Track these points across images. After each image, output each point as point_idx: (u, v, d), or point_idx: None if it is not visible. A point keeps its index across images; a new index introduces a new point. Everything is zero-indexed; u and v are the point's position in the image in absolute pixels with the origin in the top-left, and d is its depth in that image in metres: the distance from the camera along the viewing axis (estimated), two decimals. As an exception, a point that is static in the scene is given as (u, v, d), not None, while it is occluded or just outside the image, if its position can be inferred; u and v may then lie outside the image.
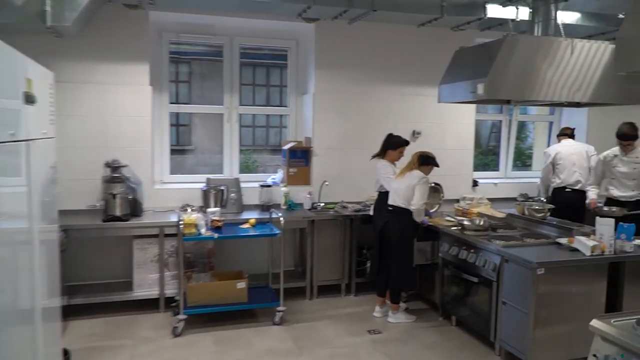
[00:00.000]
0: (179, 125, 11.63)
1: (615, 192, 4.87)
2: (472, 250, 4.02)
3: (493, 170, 6.83)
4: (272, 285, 4.93)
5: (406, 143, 4.84)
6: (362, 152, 5.61)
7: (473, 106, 6.07)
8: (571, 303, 3.48)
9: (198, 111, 6.83)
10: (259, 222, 4.74)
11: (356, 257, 5.28)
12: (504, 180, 6.53)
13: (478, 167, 6.69)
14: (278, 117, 9.74)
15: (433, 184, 5.52)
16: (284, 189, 5.39)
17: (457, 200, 5.90)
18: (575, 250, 3.60)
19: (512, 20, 5.00)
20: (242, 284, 4.43)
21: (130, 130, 5.03)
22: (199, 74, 10.28)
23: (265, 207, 5.23)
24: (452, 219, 4.68)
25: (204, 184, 5.13)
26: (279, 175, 5.70)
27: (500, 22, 5.26)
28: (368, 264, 5.24)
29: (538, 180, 6.15)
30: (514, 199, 6.32)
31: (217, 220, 4.46)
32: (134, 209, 4.73)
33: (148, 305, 4.69)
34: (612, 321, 2.21)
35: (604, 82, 3.96)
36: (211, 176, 5.29)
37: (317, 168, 5.61)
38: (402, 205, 4.38)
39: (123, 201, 4.59)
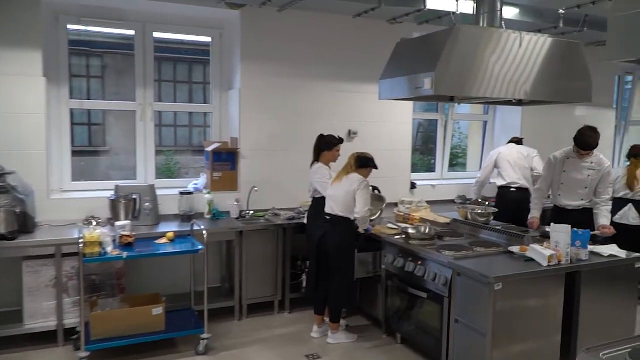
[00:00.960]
0: (91, 125, 10.59)
1: (563, 201, 4.41)
2: (419, 263, 3.65)
3: (422, 172, 6.59)
4: (195, 307, 4.31)
5: (341, 141, 4.41)
6: (294, 154, 5.14)
7: (410, 104, 5.76)
8: (529, 319, 3.18)
9: (106, 107, 6.09)
10: (179, 236, 4.11)
11: (290, 269, 4.78)
12: (441, 182, 6.29)
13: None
14: (201, 115, 9.05)
15: (371, 188, 5.17)
16: (207, 196, 4.78)
17: (396, 204, 5.56)
18: (530, 260, 3.31)
19: (453, 13, 4.70)
20: (158, 310, 3.79)
21: (18, 130, 4.21)
22: (114, 68, 9.35)
23: (186, 218, 4.59)
24: (395, 227, 4.29)
25: (113, 193, 4.41)
26: (201, 181, 5.07)
27: (440, 16, 4.96)
28: (304, 277, 4.76)
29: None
30: (452, 201, 6.10)
31: (128, 236, 3.79)
32: (24, 224, 3.94)
33: (43, 338, 3.92)
34: (601, 354, 1.86)
35: (551, 79, 3.72)
36: (121, 183, 4.57)
37: (245, 172, 5.04)
38: (341, 214, 3.93)
39: (8, 215, 3.79)
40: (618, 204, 5.09)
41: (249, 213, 4.90)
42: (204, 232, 3.90)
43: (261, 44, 4.98)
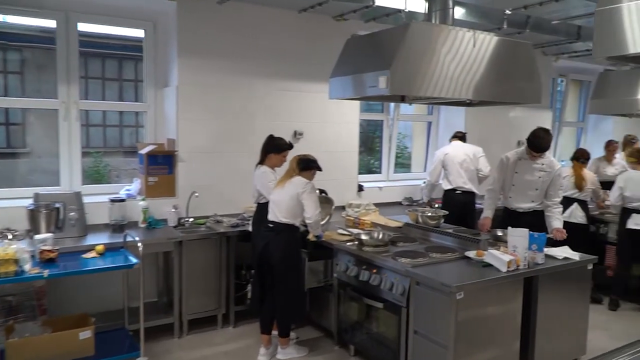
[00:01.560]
0: (9, 124, 9.69)
1: (514, 203, 4.37)
2: (374, 271, 3.46)
3: (362, 173, 6.45)
4: (129, 327, 3.91)
5: (290, 147, 4.16)
6: (237, 156, 4.84)
7: (357, 104, 5.59)
8: (489, 327, 3.07)
9: (25, 105, 5.44)
10: (110, 249, 3.69)
11: (234, 280, 4.47)
12: (387, 184, 6.17)
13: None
14: (133, 114, 8.49)
15: (318, 191, 4.95)
16: (142, 203, 4.37)
17: (343, 208, 5.38)
18: (488, 265, 3.21)
19: (402, 10, 4.57)
20: (86, 334, 3.37)
21: None
22: (35, 63, 8.58)
23: (117, 228, 4.16)
24: (346, 232, 4.09)
25: (31, 201, 3.91)
26: (135, 186, 4.64)
27: (388, 13, 4.82)
28: (249, 288, 4.47)
29: (423, 183, 5.91)
30: (400, 203, 6.00)
31: (49, 251, 3.34)
32: None
33: (-52, 372, 3.40)
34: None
35: (504, 80, 3.65)
36: (42, 190, 4.07)
37: (183, 176, 4.66)
38: (285, 221, 3.67)
39: None
40: (564, 202, 5.15)
41: (188, 221, 4.53)
42: (139, 244, 3.52)
43: (200, 38, 4.63)
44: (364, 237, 3.80)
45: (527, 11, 4.58)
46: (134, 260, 3.48)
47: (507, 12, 4.70)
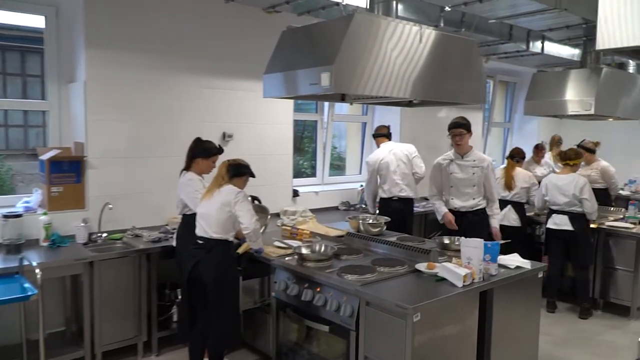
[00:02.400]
0: None
1: (457, 203, 4.34)
2: (318, 290, 3.10)
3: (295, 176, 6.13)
4: (28, 366, 3.30)
5: (220, 151, 3.73)
6: (158, 161, 4.32)
7: (291, 104, 5.22)
8: (446, 348, 2.81)
9: None
10: (2, 275, 3.08)
11: (157, 301, 3.95)
12: (323, 188, 5.85)
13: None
14: (39, 114, 7.60)
15: (250, 198, 4.56)
16: (43, 217, 3.74)
17: (278, 215, 5.00)
18: (442, 279, 2.96)
19: (339, 4, 4.24)
20: (-30, 384, 2.75)
21: None
22: None
23: (12, 249, 3.52)
24: (283, 245, 3.71)
25: None
26: (35, 198, 3.98)
27: (323, 6, 4.48)
28: (174, 309, 3.97)
29: (362, 191, 5.67)
30: (336, 208, 5.70)
31: None
32: None
33: None
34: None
35: (451, 79, 3.44)
36: None
37: (94, 185, 4.07)
38: (217, 236, 3.23)
39: None
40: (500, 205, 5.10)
41: (101, 236, 3.96)
42: (37, 270, 2.94)
43: (112, 27, 4.05)
44: (304, 250, 3.44)
45: (466, 8, 4.41)
46: (31, 290, 2.89)
47: (447, 8, 4.51)
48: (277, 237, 4.06)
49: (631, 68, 6.88)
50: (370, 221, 4.29)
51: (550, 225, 4.80)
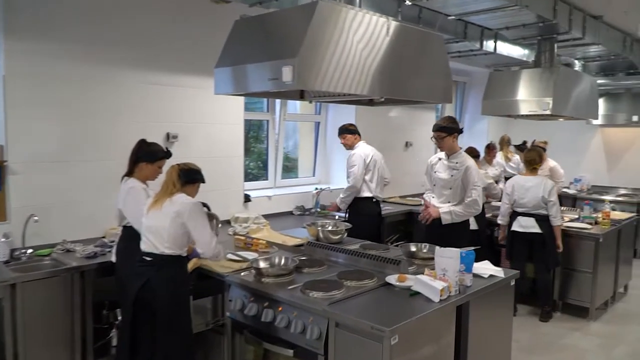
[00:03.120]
0: None
1: (435, 203, 4.15)
2: (280, 309, 2.78)
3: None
4: None
5: (167, 155, 3.33)
6: (93, 166, 3.85)
7: (242, 102, 4.85)
8: (422, 370, 2.57)
9: None
10: None
11: (93, 325, 3.49)
12: (276, 192, 5.51)
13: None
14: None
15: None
16: (-46, 233, 3.20)
17: (229, 222, 4.63)
18: (416, 293, 2.71)
19: (294, -7, 3.93)
20: None
21: None
22: None
23: None
24: (237, 258, 3.35)
25: None
26: (-56, 210, 3.42)
27: (277, -5, 4.15)
28: (113, 333, 3.52)
29: (317, 194, 5.39)
30: (290, 213, 5.39)
31: None
32: None
33: None
34: None
35: (419, 76, 3.22)
36: None
37: (17, 193, 3.54)
38: (170, 252, 2.84)
39: None
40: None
41: (25, 253, 3.45)
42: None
43: (36, 14, 3.54)
44: (262, 264, 3.10)
45: (427, 3, 4.22)
46: None
47: (407, 2, 4.30)
48: (230, 248, 3.70)
49: (577, 67, 7.01)
50: (330, 228, 4.02)
51: (516, 227, 4.70)
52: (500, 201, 5.76)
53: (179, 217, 2.84)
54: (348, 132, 4.87)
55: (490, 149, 6.67)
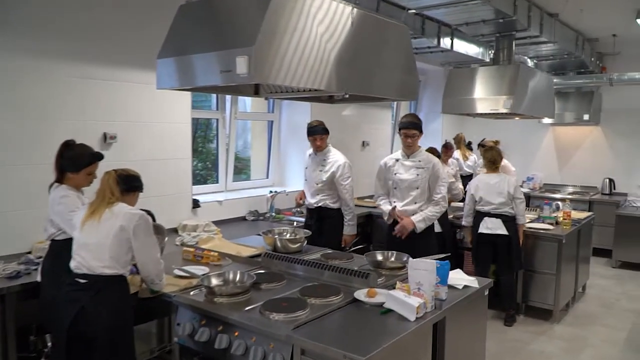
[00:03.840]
0: None
1: (398, 207, 3.91)
2: (236, 334, 2.43)
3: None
4: None
5: (96, 157, 2.91)
6: (18, 170, 3.37)
7: (189, 99, 4.45)
8: (398, 398, 2.30)
9: None
10: None
11: (17, 354, 3.02)
12: (227, 196, 5.13)
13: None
14: None
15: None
16: None
17: (176, 231, 4.23)
18: (388, 311, 2.45)
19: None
20: None
21: None
22: None
23: None
24: (186, 273, 2.98)
25: None
26: None
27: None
28: (42, 361, 3.07)
29: (272, 198, 5.08)
30: (244, 219, 5.03)
31: None
32: None
33: None
34: None
35: (384, 70, 2.97)
36: None
37: None
38: (110, 272, 2.45)
39: None
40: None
41: None
42: None
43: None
44: (214, 281, 2.75)
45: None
46: None
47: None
48: (177, 262, 3.31)
49: (529, 65, 7.00)
50: (289, 236, 3.71)
51: (483, 230, 4.53)
52: (461, 201, 5.67)
53: (123, 232, 2.45)
54: (326, 132, 4.33)
55: (447, 148, 6.54)
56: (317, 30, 2.49)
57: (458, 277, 2.93)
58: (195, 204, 4.55)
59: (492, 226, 4.48)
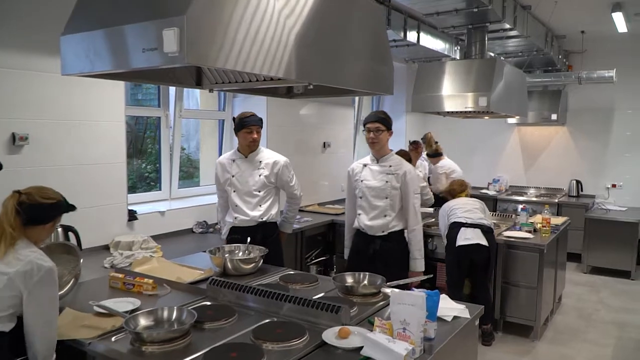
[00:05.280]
0: None
1: (364, 220, 3.38)
2: (170, 398, 1.85)
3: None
4: None
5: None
6: None
7: (121, 91, 3.79)
8: None
9: None
10: None
11: None
12: (172, 205, 4.49)
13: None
14: None
15: (61, 229, 3.14)
16: None
17: (108, 249, 3.59)
18: (368, 359, 1.92)
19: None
20: None
21: None
22: None
23: None
24: (106, 310, 2.35)
25: None
26: None
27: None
28: None
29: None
30: (191, 231, 4.40)
31: None
32: None
33: None
34: None
35: (354, 58, 2.46)
36: None
37: None
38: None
39: None
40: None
41: None
42: None
43: None
44: (143, 321, 2.15)
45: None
46: None
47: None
48: (102, 292, 2.67)
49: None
50: (242, 255, 3.14)
51: (461, 242, 4.06)
52: (432, 206, 5.26)
53: (19, 279, 1.82)
54: (261, 123, 3.57)
55: (417, 145, 6.11)
56: (274, 3, 1.94)
57: (447, 307, 2.44)
58: (132, 215, 3.89)
59: (470, 236, 4.03)
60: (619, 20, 5.49)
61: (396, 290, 2.12)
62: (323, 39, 2.22)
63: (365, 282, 2.74)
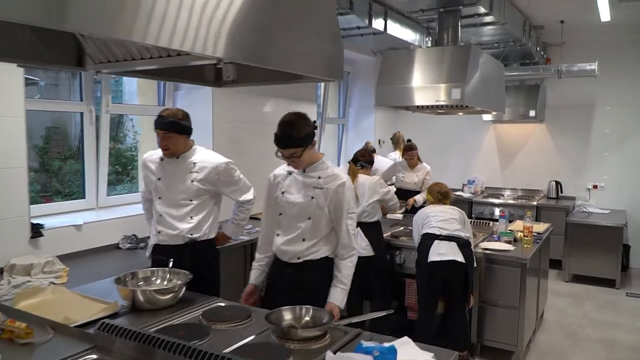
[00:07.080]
0: None
1: (281, 246, 2.55)
2: None
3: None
4: None
5: None
6: None
7: (21, 81, 3.11)
8: None
9: None
10: None
11: None
12: (97, 216, 3.82)
13: None
14: None
15: None
16: None
17: (1, 273, 2.92)
18: None
19: None
20: None
21: None
22: None
23: None
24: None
25: None
26: None
27: None
28: None
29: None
30: (117, 247, 3.74)
31: None
32: None
33: None
34: None
35: (301, 37, 1.89)
36: None
37: None
38: None
39: None
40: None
41: None
42: None
43: None
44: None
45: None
46: None
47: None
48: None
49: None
50: (159, 282, 2.52)
51: (434, 257, 3.49)
52: (397, 212, 4.72)
53: None
54: (175, 127, 2.83)
55: (411, 148, 5.51)
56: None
57: (406, 350, 1.85)
58: (36, 231, 3.21)
59: (445, 251, 3.47)
60: (603, 7, 5.01)
61: (333, 356, 1.51)
62: (269, 15, 1.64)
63: (308, 317, 2.15)
